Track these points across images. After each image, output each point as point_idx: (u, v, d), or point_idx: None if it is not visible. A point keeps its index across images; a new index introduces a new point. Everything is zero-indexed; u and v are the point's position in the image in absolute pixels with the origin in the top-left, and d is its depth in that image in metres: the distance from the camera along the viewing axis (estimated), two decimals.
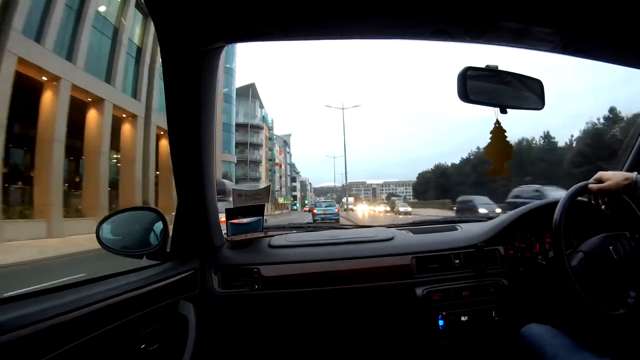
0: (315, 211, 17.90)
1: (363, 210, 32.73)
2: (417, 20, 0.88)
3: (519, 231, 1.25)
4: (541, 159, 27.44)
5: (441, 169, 45.99)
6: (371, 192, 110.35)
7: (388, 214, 25.93)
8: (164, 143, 16.10)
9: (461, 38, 0.92)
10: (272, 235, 1.30)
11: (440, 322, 1.13)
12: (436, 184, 43.38)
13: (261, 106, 39.49)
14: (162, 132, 16.24)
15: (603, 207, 1.01)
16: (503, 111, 1.00)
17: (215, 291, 1.10)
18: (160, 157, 16.42)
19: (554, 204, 1.02)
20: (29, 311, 0.61)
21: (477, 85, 0.97)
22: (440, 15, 0.85)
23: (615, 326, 0.98)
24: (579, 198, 1.04)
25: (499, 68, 0.99)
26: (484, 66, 0.97)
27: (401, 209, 25.74)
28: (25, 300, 0.67)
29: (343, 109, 33.51)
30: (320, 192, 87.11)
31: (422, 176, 53.22)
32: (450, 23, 0.87)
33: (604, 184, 0.99)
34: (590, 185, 1.01)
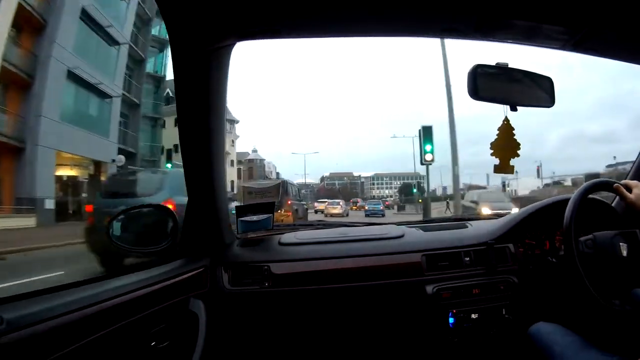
0: (366, 207, 21.98)
1: None
2: (427, 18, 0.89)
3: (529, 229, 1.25)
4: None
5: None
6: (359, 187, 74.83)
7: None
8: None
9: (471, 35, 0.93)
10: (282, 233, 1.30)
11: (451, 320, 1.13)
12: None
13: None
14: None
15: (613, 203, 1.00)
16: (513, 109, 1.00)
17: (225, 289, 1.10)
18: None
19: (565, 201, 1.02)
20: (39, 309, 0.61)
21: (487, 83, 0.96)
22: (450, 13, 0.85)
23: (623, 324, 0.98)
24: (590, 196, 1.04)
25: (509, 66, 0.99)
26: (494, 64, 0.98)
27: None
28: (35, 298, 0.66)
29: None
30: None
31: None
32: (460, 20, 0.88)
33: (630, 194, 0.96)
34: (617, 185, 0.99)
